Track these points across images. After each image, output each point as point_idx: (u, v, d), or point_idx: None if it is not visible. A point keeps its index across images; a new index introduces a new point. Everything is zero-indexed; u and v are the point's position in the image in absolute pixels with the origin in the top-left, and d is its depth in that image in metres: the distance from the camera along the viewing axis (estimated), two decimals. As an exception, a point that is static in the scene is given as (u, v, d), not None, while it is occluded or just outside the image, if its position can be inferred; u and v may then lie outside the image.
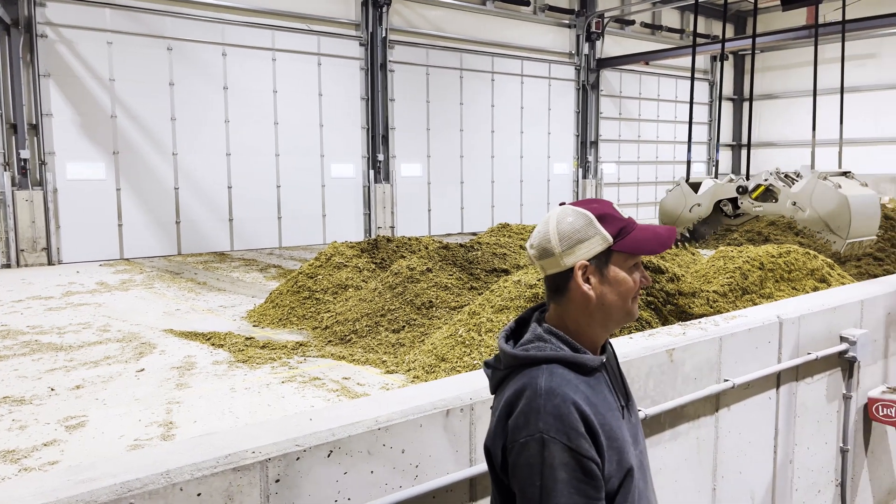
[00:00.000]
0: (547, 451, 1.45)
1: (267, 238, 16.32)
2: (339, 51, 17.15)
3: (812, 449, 4.07)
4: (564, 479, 1.45)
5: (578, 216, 1.62)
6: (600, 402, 1.56)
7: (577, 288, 1.61)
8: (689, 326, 3.43)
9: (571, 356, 1.57)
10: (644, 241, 1.61)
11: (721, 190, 6.89)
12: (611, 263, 1.61)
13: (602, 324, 1.64)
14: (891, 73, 24.75)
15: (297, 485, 2.06)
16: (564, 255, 1.61)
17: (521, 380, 1.55)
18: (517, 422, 1.50)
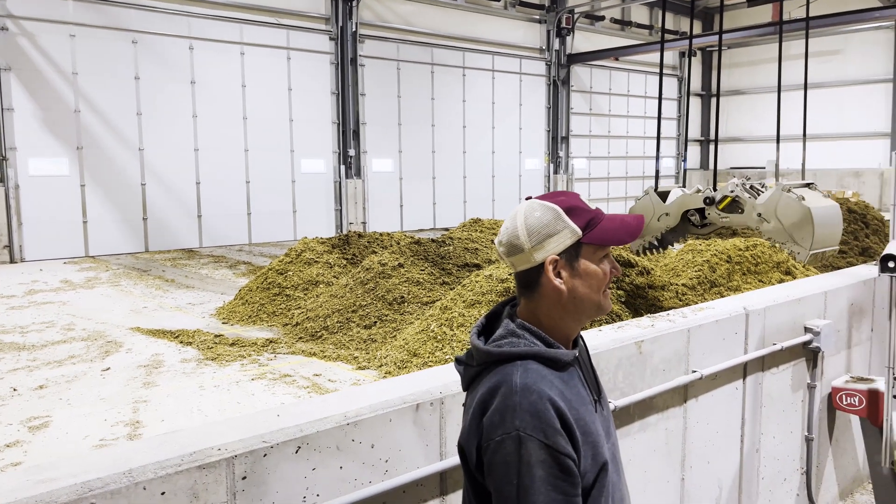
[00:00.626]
0: (524, 448, 1.44)
1: (236, 234, 16.14)
2: (309, 45, 17.00)
3: (778, 438, 4.14)
4: (542, 477, 1.43)
5: (546, 210, 1.60)
6: (574, 397, 1.55)
7: (549, 283, 1.59)
8: (657, 318, 3.46)
9: (546, 352, 1.55)
10: (612, 231, 1.60)
11: (688, 200, 7.00)
12: (581, 256, 1.59)
13: (574, 317, 1.63)
14: (855, 70, 25.27)
15: (264, 482, 2.03)
16: (534, 250, 1.59)
17: (496, 377, 1.52)
18: (493, 420, 1.48)
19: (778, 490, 4.18)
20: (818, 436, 4.43)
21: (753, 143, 27.79)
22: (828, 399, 4.48)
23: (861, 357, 4.81)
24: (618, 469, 1.72)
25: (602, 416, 1.69)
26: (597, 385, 1.75)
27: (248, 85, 16.05)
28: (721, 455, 3.73)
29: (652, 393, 3.17)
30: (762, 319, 3.88)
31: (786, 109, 10.78)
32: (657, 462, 3.33)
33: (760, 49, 26.74)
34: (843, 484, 4.80)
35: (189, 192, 15.43)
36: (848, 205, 13.89)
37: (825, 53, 25.28)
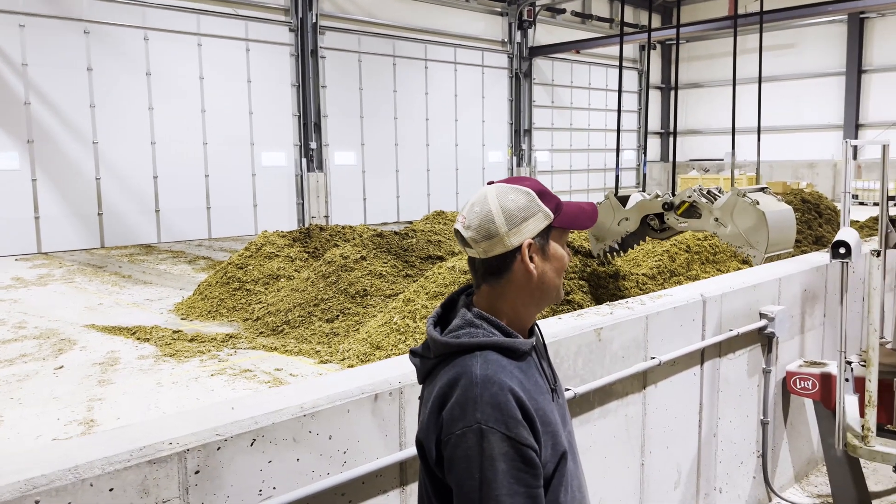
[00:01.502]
0: (486, 441, 1.40)
1: (196, 229, 15.86)
2: (269, 36, 16.75)
3: (734, 422, 4.21)
4: (504, 470, 1.41)
5: (520, 193, 1.57)
6: (533, 386, 1.53)
7: (522, 267, 1.56)
8: (616, 306, 3.49)
9: (504, 341, 1.52)
10: (576, 215, 1.61)
11: (647, 206, 7.15)
12: (550, 240, 1.58)
13: (537, 304, 1.61)
14: (810, 63, 25.84)
15: (218, 476, 1.99)
16: (511, 234, 1.55)
17: (454, 368, 1.49)
18: (452, 413, 1.44)
19: (735, 473, 4.26)
20: (773, 419, 4.52)
21: (712, 135, 28.27)
22: (782, 383, 4.58)
23: (814, 342, 4.92)
24: (575, 458, 1.71)
25: (558, 404, 1.68)
26: (553, 374, 1.74)
27: (205, 77, 15.75)
28: (680, 440, 3.78)
29: (611, 379, 3.19)
30: (719, 306, 3.93)
31: (743, 102, 10.98)
32: (617, 448, 3.36)
33: (718, 42, 27.18)
34: (798, 466, 4.91)
35: (146, 187, 15.11)
36: (802, 195, 14.26)
37: (781, 47, 25.80)
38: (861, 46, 24.61)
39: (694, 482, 3.92)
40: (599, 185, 26.74)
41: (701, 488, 3.97)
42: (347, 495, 2.30)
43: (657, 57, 29.05)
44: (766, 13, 15.55)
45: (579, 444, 3.14)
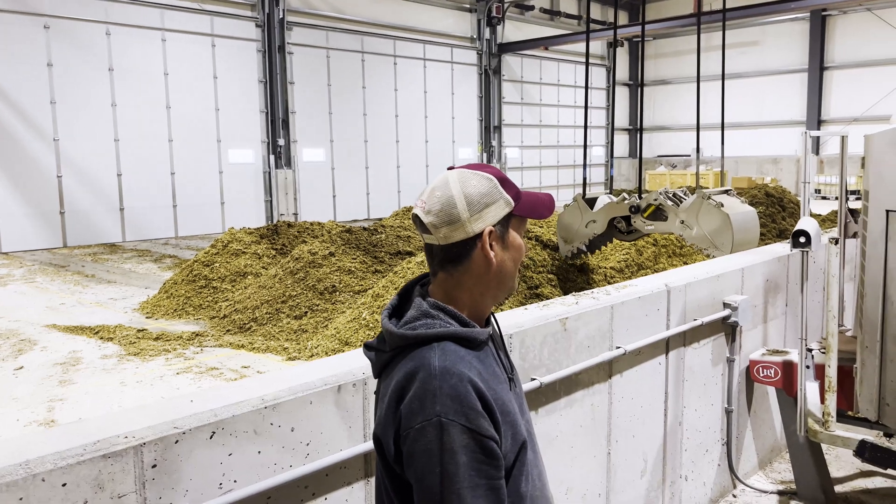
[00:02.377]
0: (446, 434, 1.37)
1: (162, 228, 15.62)
2: (235, 32, 16.54)
3: (699, 411, 4.26)
4: (465, 463, 1.38)
5: (482, 179, 1.54)
6: (491, 376, 1.51)
7: (482, 254, 1.53)
8: (581, 296, 3.50)
9: (462, 331, 1.49)
10: (534, 204, 1.59)
11: (615, 209, 7.26)
12: (510, 228, 1.56)
13: (494, 293, 1.59)
14: (772, 60, 26.29)
15: (176, 469, 1.95)
16: (473, 220, 1.52)
17: (412, 361, 1.45)
18: (411, 407, 1.41)
19: (700, 461, 4.31)
20: (737, 408, 4.59)
21: (680, 131, 28.62)
22: (746, 372, 4.65)
23: (777, 331, 5.00)
24: (534, 447, 1.70)
25: (516, 394, 1.66)
26: (510, 363, 1.73)
27: (170, 73, 15.50)
28: (645, 429, 3.81)
29: (577, 369, 3.21)
30: (683, 296, 3.98)
31: (709, 99, 11.12)
32: (584, 437, 3.37)
33: (684, 40, 27.52)
34: (762, 453, 4.99)
35: (110, 184, 14.82)
36: (766, 189, 14.54)
37: (744, 44, 26.20)
38: (823, 44, 25.10)
39: (660, 470, 3.96)
40: (569, 182, 26.91)
41: (667, 476, 4.01)
42: (311, 488, 2.28)
43: (625, 54, 29.32)
44: (729, 10, 15.79)
45: (546, 433, 3.17)
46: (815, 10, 23.97)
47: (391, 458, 1.47)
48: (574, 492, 3.36)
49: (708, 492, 4.41)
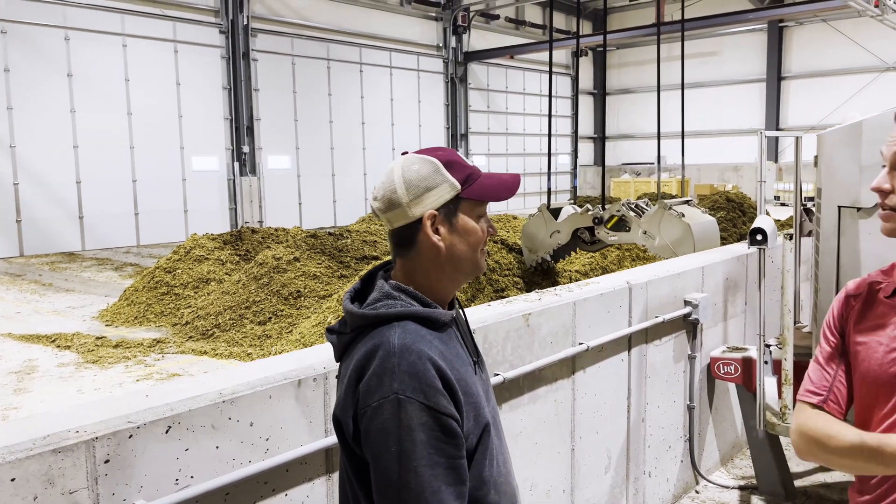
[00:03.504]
0: (403, 412, 1.35)
1: (123, 236, 15.32)
2: (198, 38, 16.36)
3: (662, 407, 4.31)
4: (423, 441, 1.36)
5: (425, 163, 1.53)
6: (454, 357, 1.50)
7: (427, 239, 1.52)
8: (544, 293, 3.53)
9: (423, 311, 1.48)
10: (491, 187, 1.55)
11: (578, 220, 7.37)
12: (459, 212, 1.53)
13: (451, 277, 1.56)
14: (732, 70, 26.86)
15: (130, 465, 1.91)
16: (412, 204, 1.51)
17: (371, 340, 1.43)
18: (369, 385, 1.39)
19: (663, 457, 4.36)
20: (699, 404, 4.65)
21: (643, 139, 29.04)
22: (707, 369, 4.72)
23: (737, 329, 5.09)
24: (499, 434, 1.70)
25: (482, 379, 1.65)
26: (475, 348, 1.72)
27: (131, 79, 15.26)
28: (609, 425, 3.84)
29: (540, 365, 3.22)
30: (644, 293, 4.02)
31: (671, 108, 11.33)
32: (547, 433, 3.39)
33: (646, 50, 27.98)
34: (724, 450, 5.06)
35: (69, 192, 14.51)
36: (727, 195, 14.95)
37: (704, 54, 26.75)
38: (780, 54, 25.74)
39: (624, 466, 3.99)
40: (536, 189, 27.13)
41: (631, 472, 4.04)
42: (271, 483, 2.24)
43: (588, 63, 29.70)
44: (688, 21, 16.15)
45: (510, 429, 3.17)
46: (773, 21, 24.60)
47: (350, 437, 1.45)
48: (538, 488, 3.36)
49: (671, 488, 4.46)
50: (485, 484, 1.53)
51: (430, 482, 1.36)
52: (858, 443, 1.46)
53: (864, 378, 1.58)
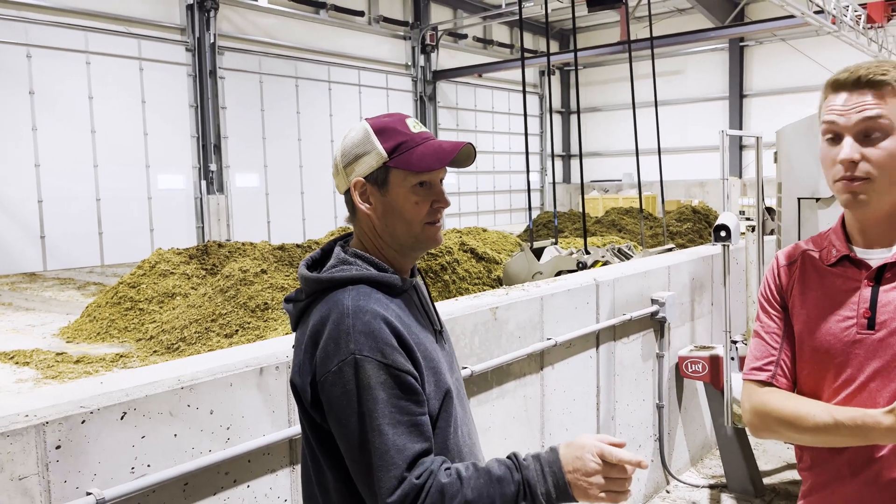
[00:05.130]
0: (362, 372, 1.34)
1: (87, 256, 15.01)
2: (164, 56, 16.24)
3: (631, 406, 4.32)
4: (384, 399, 1.34)
5: (359, 130, 1.51)
6: (412, 321, 1.48)
7: (358, 207, 1.51)
8: (512, 288, 3.52)
9: (377, 275, 1.47)
10: (421, 156, 1.47)
11: (562, 262, 7.36)
12: (390, 182, 1.48)
13: (394, 247, 1.52)
14: (696, 88, 27.43)
15: (83, 451, 1.84)
16: (346, 171, 1.50)
17: (326, 304, 1.42)
18: (327, 349, 1.37)
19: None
20: (668, 403, 4.67)
21: (611, 156, 29.44)
22: (675, 369, 4.74)
23: (704, 328, 5.13)
24: (464, 406, 1.67)
25: (445, 351, 1.64)
26: (438, 319, 1.70)
27: (95, 96, 15.06)
28: (579, 422, 3.83)
29: (508, 359, 3.20)
30: (612, 290, 4.04)
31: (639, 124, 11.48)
32: (517, 429, 3.36)
33: (611, 69, 28.45)
34: (694, 450, 5.07)
35: (30, 212, 14.20)
36: (693, 208, 15.41)
37: (669, 73, 27.27)
38: (742, 72, 26.36)
39: (594, 465, 3.97)
40: (506, 207, 27.28)
41: (601, 471, 4.02)
42: (232, 474, 2.18)
43: (556, 82, 30.10)
44: (655, 38, 16.50)
45: (479, 424, 3.13)
46: (734, 40, 25.21)
47: (308, 403, 1.43)
48: (509, 485, 3.33)
49: (642, 487, 4.45)
50: (449, 452, 1.51)
51: (394, 440, 1.34)
52: (832, 423, 1.44)
53: (815, 350, 1.56)
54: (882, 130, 1.45)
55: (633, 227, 14.63)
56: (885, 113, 1.45)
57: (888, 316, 1.46)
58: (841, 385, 1.52)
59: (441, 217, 1.54)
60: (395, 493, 1.31)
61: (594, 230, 13.90)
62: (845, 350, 1.50)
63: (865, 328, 1.48)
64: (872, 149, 1.45)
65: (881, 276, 1.49)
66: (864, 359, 1.48)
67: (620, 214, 15.70)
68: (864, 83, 1.47)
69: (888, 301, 1.46)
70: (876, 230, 1.52)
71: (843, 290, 1.53)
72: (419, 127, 1.53)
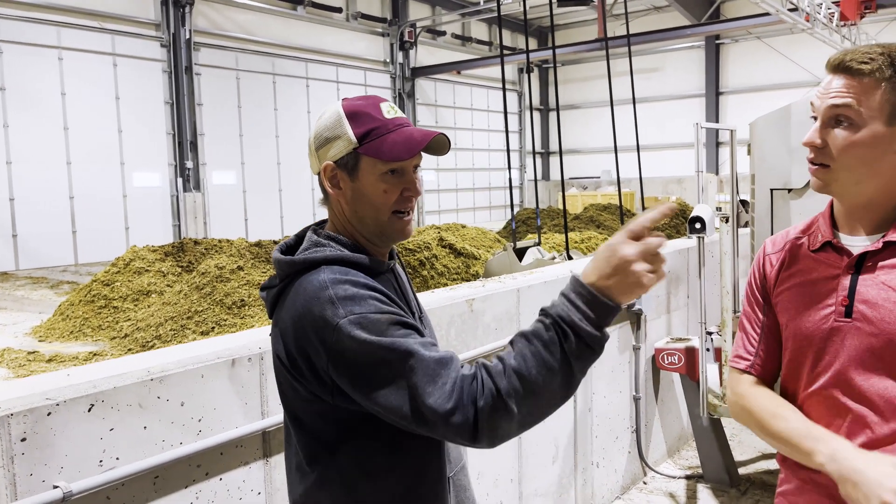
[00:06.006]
0: (357, 329, 1.29)
1: (60, 255, 14.77)
2: (138, 51, 16.02)
3: (608, 398, 4.33)
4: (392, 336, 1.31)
5: (332, 113, 1.48)
6: (391, 293, 1.45)
7: (329, 191, 1.50)
8: (488, 281, 3.52)
9: (352, 255, 1.44)
10: (392, 145, 1.44)
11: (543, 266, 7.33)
12: (360, 168, 1.45)
13: (363, 234, 1.50)
14: (673, 86, 27.64)
15: (49, 444, 1.80)
16: (319, 154, 1.49)
17: (302, 285, 1.39)
18: (316, 326, 1.33)
19: (611, 448, 4.37)
20: (645, 395, 4.70)
21: (589, 154, 29.58)
22: (652, 361, 4.77)
23: (680, 321, 5.17)
24: None
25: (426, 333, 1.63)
26: (417, 304, 1.69)
27: (68, 92, 14.82)
28: (556, 414, 3.82)
29: (485, 350, 3.20)
30: (588, 282, 4.05)
31: (618, 121, 11.54)
32: (494, 421, 3.36)
33: (589, 66, 28.59)
34: (670, 441, 5.11)
35: (1, 210, 13.95)
36: None
37: (647, 71, 27.44)
38: (717, 70, 26.62)
39: (571, 457, 3.98)
40: (485, 204, 27.32)
41: (578, 462, 4.04)
42: (204, 467, 2.16)
43: (535, 79, 30.17)
44: (632, 36, 16.60)
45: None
46: (710, 38, 25.44)
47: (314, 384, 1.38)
48: (486, 476, 3.33)
49: (619, 479, 4.47)
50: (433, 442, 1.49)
51: (424, 354, 1.28)
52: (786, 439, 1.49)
53: (794, 337, 1.56)
54: (849, 120, 1.43)
55: (612, 223, 14.72)
56: (853, 103, 1.42)
57: (865, 305, 1.45)
58: (819, 372, 1.52)
59: (412, 207, 1.52)
60: (453, 396, 1.24)
61: (573, 226, 13.96)
62: (823, 337, 1.50)
63: (843, 316, 1.47)
64: (834, 136, 1.44)
65: (861, 265, 1.47)
66: (840, 346, 1.48)
67: (599, 211, 15.81)
68: (843, 69, 1.44)
69: (866, 290, 1.45)
70: (859, 217, 1.50)
71: (824, 278, 1.52)
72: (394, 112, 1.50)
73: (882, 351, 1.43)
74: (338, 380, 1.33)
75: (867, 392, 1.45)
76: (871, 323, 1.43)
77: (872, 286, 1.45)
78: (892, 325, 1.41)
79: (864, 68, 1.42)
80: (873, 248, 1.46)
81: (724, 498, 4.48)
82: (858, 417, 1.46)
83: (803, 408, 1.54)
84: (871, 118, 1.41)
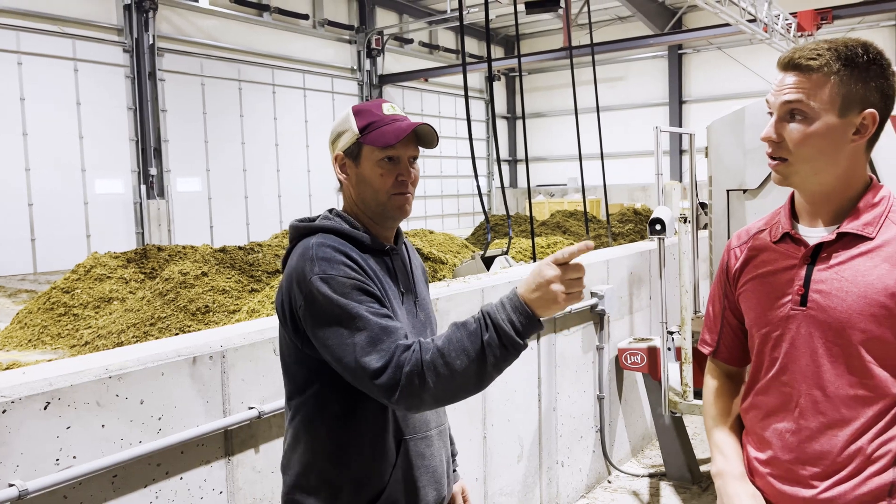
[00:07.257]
0: (325, 286, 1.51)
1: (18, 263, 14.42)
2: (100, 56, 15.77)
3: (573, 397, 4.38)
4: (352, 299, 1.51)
5: (344, 113, 1.75)
6: (377, 275, 1.63)
7: (338, 177, 1.75)
8: (453, 281, 3.55)
9: (347, 229, 1.66)
10: (384, 133, 1.68)
11: None
12: (362, 156, 1.70)
13: (367, 216, 1.72)
14: (637, 94, 28.07)
15: (4, 442, 1.78)
16: (333, 147, 1.75)
17: (299, 248, 1.62)
18: (298, 281, 1.56)
19: (575, 447, 4.42)
20: (609, 395, 4.76)
21: (553, 161, 29.87)
22: (615, 361, 4.84)
23: (642, 321, 5.25)
24: None
25: (417, 319, 1.76)
26: (415, 288, 1.80)
27: (27, 98, 14.52)
28: (521, 413, 3.87)
29: (449, 350, 3.22)
30: (552, 283, 4.10)
31: (584, 129, 11.69)
32: (460, 419, 3.38)
33: (555, 75, 28.90)
34: (634, 441, 5.18)
35: (-43, 217, 13.60)
36: (635, 209, 15.81)
37: (612, 80, 27.84)
38: (680, 79, 27.11)
39: (536, 456, 4.02)
40: (453, 211, 27.40)
41: (543, 462, 4.08)
42: (164, 466, 2.14)
43: (501, 88, 30.39)
44: (596, 45, 16.84)
45: (420, 415, 3.14)
46: (673, 48, 25.91)
47: (292, 333, 1.61)
48: (451, 475, 3.34)
49: (584, 478, 4.52)
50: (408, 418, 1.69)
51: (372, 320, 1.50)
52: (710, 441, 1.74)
53: (756, 324, 1.63)
54: (803, 114, 1.48)
55: (578, 228, 14.89)
56: (804, 98, 1.47)
57: (819, 294, 1.51)
58: (775, 357, 1.58)
59: (410, 190, 1.73)
60: (384, 358, 1.45)
61: (539, 231, 14.09)
62: (781, 325, 1.56)
63: (798, 305, 1.53)
64: (790, 130, 1.50)
65: (817, 255, 1.53)
66: (796, 334, 1.54)
67: (565, 217, 15.97)
68: (793, 66, 1.50)
69: (821, 280, 1.51)
70: (817, 208, 1.56)
71: (783, 268, 1.58)
72: (393, 111, 1.75)
73: (834, 338, 1.49)
74: (305, 326, 1.56)
75: (819, 378, 1.50)
76: (824, 311, 1.50)
77: (826, 276, 1.51)
78: (843, 314, 1.48)
79: (812, 64, 1.48)
80: (828, 238, 1.52)
81: (685, 495, 4.55)
82: (812, 402, 1.52)
83: (763, 394, 1.60)
84: (823, 111, 1.48)
